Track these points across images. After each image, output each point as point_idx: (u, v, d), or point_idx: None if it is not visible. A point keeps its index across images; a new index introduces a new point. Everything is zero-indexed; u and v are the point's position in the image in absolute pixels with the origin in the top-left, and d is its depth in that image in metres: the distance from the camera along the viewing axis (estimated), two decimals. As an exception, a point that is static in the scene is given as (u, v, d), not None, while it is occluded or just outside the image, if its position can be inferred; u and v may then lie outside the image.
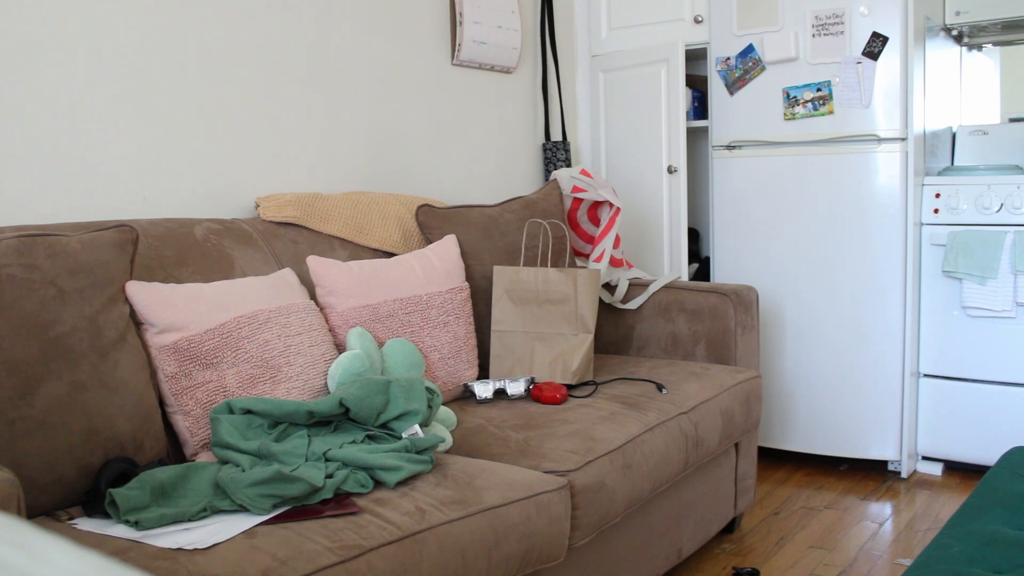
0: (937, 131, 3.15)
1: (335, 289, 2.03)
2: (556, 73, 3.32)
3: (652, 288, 2.70)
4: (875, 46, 2.84)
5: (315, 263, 2.05)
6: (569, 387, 2.25)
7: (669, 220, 3.25)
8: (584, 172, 2.81)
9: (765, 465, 3.18)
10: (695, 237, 3.70)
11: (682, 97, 3.17)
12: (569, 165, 3.31)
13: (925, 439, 3.03)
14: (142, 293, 1.66)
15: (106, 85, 2.00)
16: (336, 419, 1.69)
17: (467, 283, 2.29)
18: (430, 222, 2.43)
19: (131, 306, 1.65)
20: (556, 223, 2.59)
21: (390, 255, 2.34)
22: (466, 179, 3.03)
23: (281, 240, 2.15)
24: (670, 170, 3.23)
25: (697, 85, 3.46)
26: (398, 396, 1.68)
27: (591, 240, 2.85)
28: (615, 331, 2.76)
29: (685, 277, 3.24)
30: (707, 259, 3.46)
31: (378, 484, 1.54)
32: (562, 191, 2.78)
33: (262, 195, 2.29)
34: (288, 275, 1.97)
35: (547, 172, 3.31)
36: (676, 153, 3.20)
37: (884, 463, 3.05)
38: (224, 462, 1.58)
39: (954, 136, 3.35)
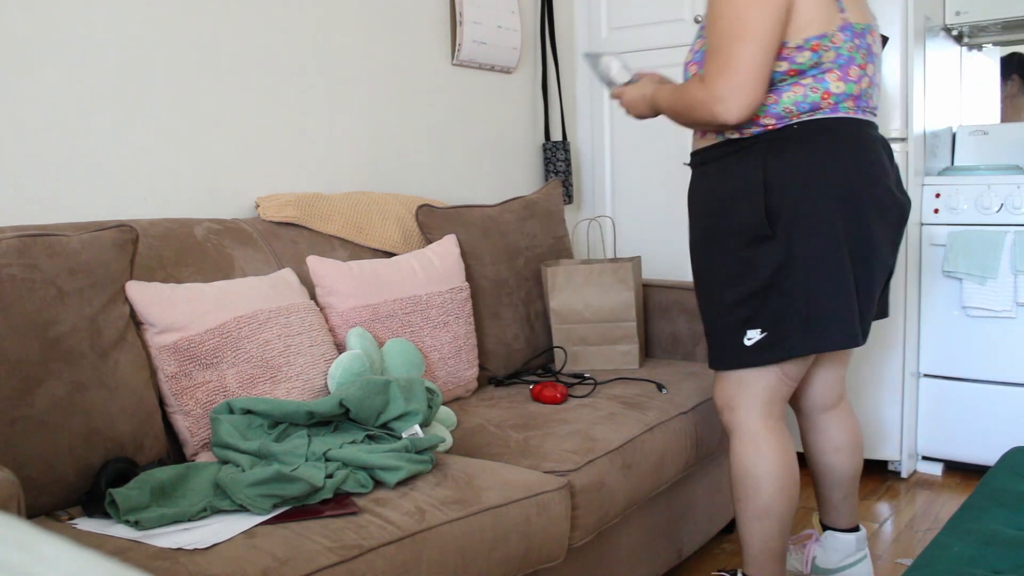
0: (937, 131, 3.15)
1: (335, 289, 2.03)
2: (556, 73, 3.32)
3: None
4: (875, 46, 2.83)
5: (315, 263, 2.05)
6: (569, 387, 2.26)
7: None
8: None
9: (765, 465, 3.17)
10: (695, 237, 3.69)
11: (682, 97, 3.16)
12: (569, 165, 3.30)
13: (925, 439, 3.03)
14: (142, 293, 1.66)
15: (106, 85, 2.00)
16: (336, 419, 1.69)
17: (467, 283, 2.29)
18: (430, 222, 2.43)
19: (131, 306, 1.65)
20: (556, 223, 2.59)
21: (390, 255, 2.33)
22: (466, 179, 3.03)
23: (281, 240, 2.15)
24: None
25: (697, 85, 3.45)
26: (398, 396, 1.68)
27: None
28: (615, 331, 2.76)
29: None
30: (707, 259, 3.46)
31: (378, 484, 1.54)
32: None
33: (262, 195, 2.29)
34: (288, 275, 1.97)
35: (547, 172, 3.31)
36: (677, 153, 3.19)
37: (884, 463, 3.05)
38: (224, 462, 1.58)
39: (954, 136, 3.35)
